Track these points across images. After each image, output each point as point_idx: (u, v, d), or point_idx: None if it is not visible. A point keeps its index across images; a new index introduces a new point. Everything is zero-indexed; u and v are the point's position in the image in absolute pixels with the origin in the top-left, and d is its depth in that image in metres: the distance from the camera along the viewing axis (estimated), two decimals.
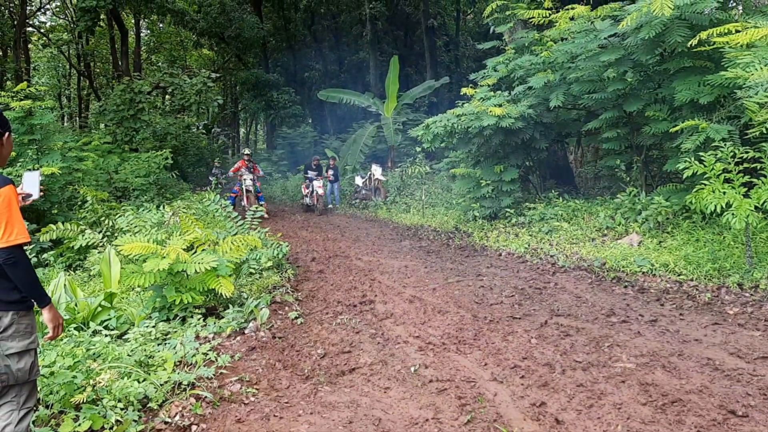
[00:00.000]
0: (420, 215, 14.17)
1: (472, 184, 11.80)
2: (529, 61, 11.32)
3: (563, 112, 11.83)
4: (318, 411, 3.97)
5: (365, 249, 10.52)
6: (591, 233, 9.42)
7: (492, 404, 3.93)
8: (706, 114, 8.16)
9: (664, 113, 9.08)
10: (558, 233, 9.72)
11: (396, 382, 4.44)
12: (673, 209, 8.65)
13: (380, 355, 5.01)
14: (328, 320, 6.14)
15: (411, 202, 15.77)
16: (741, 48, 6.87)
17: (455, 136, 11.65)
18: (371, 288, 7.51)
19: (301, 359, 5.00)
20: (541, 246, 9.29)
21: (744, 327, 5.18)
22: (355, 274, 8.33)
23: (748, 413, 3.57)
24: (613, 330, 5.32)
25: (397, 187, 17.38)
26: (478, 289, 7.18)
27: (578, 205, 10.77)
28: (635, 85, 9.79)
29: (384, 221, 14.64)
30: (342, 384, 4.46)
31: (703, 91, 8.04)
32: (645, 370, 4.35)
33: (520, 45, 12.59)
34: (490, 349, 5.03)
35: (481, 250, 9.96)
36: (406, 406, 4.02)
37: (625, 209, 9.47)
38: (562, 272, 7.89)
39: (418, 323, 5.93)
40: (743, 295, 6.01)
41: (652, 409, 3.72)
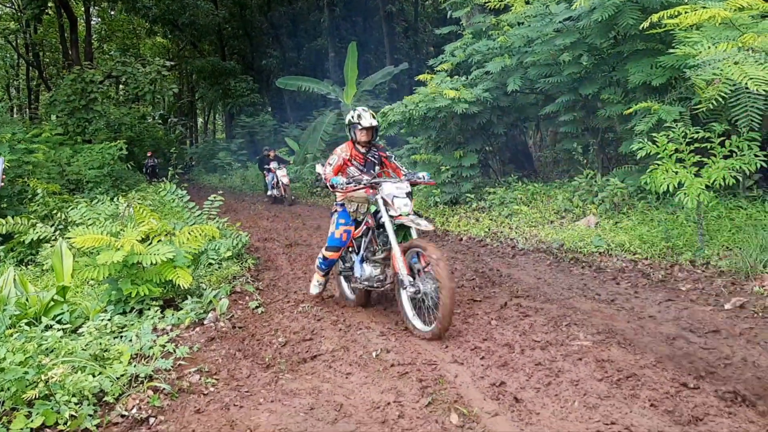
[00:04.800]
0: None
1: (433, 170, 11.82)
2: (486, 45, 11.37)
3: (521, 97, 11.93)
4: (279, 399, 3.94)
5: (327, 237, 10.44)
6: (550, 216, 9.55)
7: (452, 385, 3.95)
8: (659, 96, 8.30)
9: (618, 96, 9.23)
10: (517, 217, 9.83)
11: (358, 368, 4.43)
12: (629, 190, 8.82)
13: (342, 342, 4.99)
14: (289, 309, 6.09)
15: None
16: (690, 29, 7.00)
17: (414, 123, 11.65)
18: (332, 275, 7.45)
19: (262, 348, 4.95)
20: (502, 230, 9.38)
21: (696, 303, 5.32)
22: None
23: (699, 385, 3.67)
24: (571, 309, 5.40)
25: None
26: None
27: (537, 188, 10.91)
28: (590, 68, 9.92)
29: None
30: (303, 371, 4.43)
31: (656, 74, 8.18)
32: (601, 347, 4.43)
33: (478, 30, 12.62)
34: (452, 332, 5.04)
35: (443, 235, 10.01)
36: (368, 390, 4.01)
37: (583, 191, 9.62)
38: (522, 255, 7.98)
39: (380, 309, 5.93)
40: (695, 272, 6.17)
41: (608, 384, 3.79)
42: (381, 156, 5.87)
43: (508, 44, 10.89)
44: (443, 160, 11.55)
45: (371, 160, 5.81)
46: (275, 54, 31.59)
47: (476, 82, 11.29)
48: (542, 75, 10.38)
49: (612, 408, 3.47)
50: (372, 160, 5.81)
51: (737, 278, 5.76)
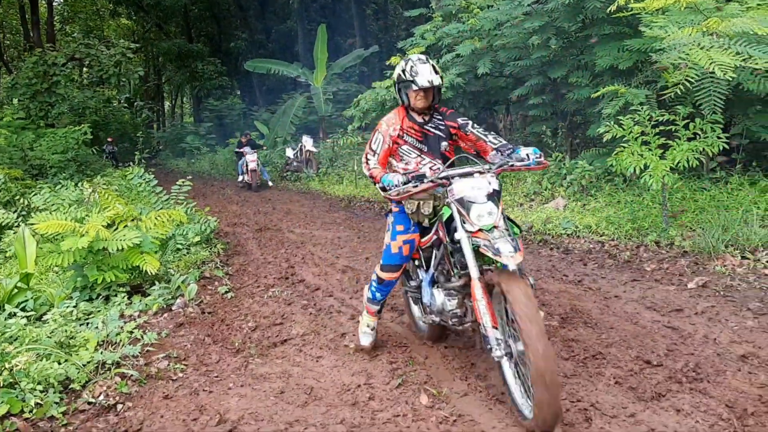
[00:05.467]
0: (353, 186, 14.13)
1: None
2: (456, 28, 11.34)
3: (491, 80, 11.95)
4: (249, 383, 3.93)
5: (297, 221, 10.43)
6: (519, 198, 9.64)
7: (423, 367, 3.99)
8: (626, 79, 8.40)
9: (586, 79, 9.31)
10: None
11: (328, 351, 4.44)
12: (596, 173, 8.93)
13: (312, 326, 4.99)
14: (259, 293, 6.07)
15: (344, 174, 15.69)
16: (656, 13, 7.08)
17: (386, 108, 11.60)
18: (303, 260, 7.46)
19: (232, 333, 4.93)
20: None
21: (660, 282, 5.43)
22: (287, 247, 8.25)
23: (662, 362, 3.75)
24: (539, 291, 5.47)
25: (329, 158, 17.23)
26: None
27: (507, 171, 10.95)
28: (559, 51, 9.97)
29: (316, 193, 14.55)
30: (274, 356, 4.42)
31: (623, 57, 8.27)
32: (569, 326, 4.50)
33: (447, 12, 12.58)
34: None
35: None
36: (339, 373, 4.02)
37: (552, 174, 9.71)
38: None
39: (351, 292, 5.94)
40: (660, 252, 6.29)
41: (574, 363, 3.86)
42: (449, 126, 3.96)
43: (478, 27, 10.88)
44: None
45: (434, 132, 3.96)
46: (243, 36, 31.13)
47: (447, 65, 11.28)
48: (512, 58, 10.41)
49: (578, 386, 3.53)
50: (435, 132, 3.97)
51: (700, 258, 5.88)
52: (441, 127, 3.97)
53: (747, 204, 6.82)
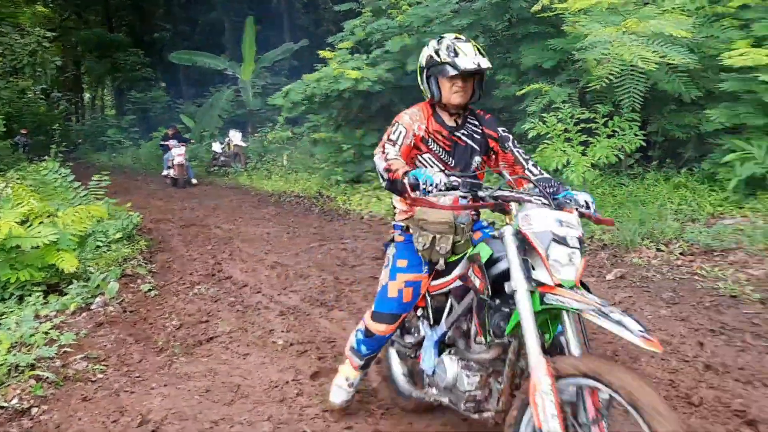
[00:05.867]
0: (283, 181, 13.98)
1: (334, 148, 11.78)
2: (386, 24, 11.37)
3: None
4: (173, 383, 3.82)
5: (225, 217, 10.22)
6: None
7: None
8: (550, 77, 8.64)
9: (512, 77, 9.53)
10: None
11: (256, 348, 4.37)
12: None
13: (239, 323, 4.91)
14: (184, 291, 5.91)
15: (273, 168, 15.50)
16: (578, 13, 7.32)
17: (315, 101, 11.52)
18: (231, 256, 7.32)
19: (155, 332, 4.78)
20: None
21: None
22: (214, 243, 8.07)
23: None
24: None
25: (258, 153, 16.98)
26: (340, 252, 7.23)
27: None
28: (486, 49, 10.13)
29: (245, 188, 14.30)
30: (199, 354, 4.32)
31: (546, 56, 8.51)
32: None
33: (377, 8, 12.59)
34: (352, 309, 5.09)
35: (345, 214, 10.02)
36: (266, 370, 3.97)
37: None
38: None
39: (279, 288, 5.87)
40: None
41: None
42: (487, 135, 2.94)
43: (407, 23, 10.95)
44: (344, 139, 11.52)
45: (466, 142, 2.91)
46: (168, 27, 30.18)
47: (377, 61, 11.29)
48: None
49: None
50: (468, 142, 2.91)
51: (618, 251, 6.13)
52: (476, 136, 2.89)
53: (662, 199, 7.16)
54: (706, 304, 4.62)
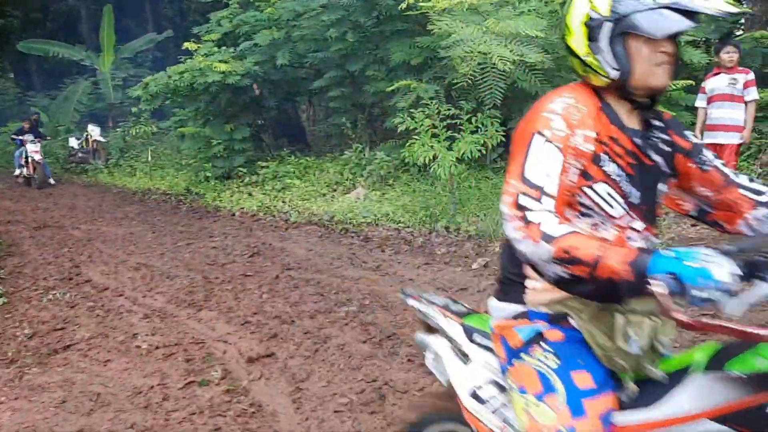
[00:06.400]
0: (147, 178, 13.33)
1: (202, 143, 11.39)
2: (254, 17, 11.17)
3: (291, 71, 11.93)
4: (24, 395, 3.54)
5: (83, 217, 9.58)
6: (321, 189, 9.77)
7: (221, 362, 3.89)
8: (417, 74, 8.89)
9: (382, 73, 9.69)
10: (290, 190, 9.90)
11: (118, 354, 4.14)
12: (394, 163, 9.35)
13: (100, 328, 4.63)
14: (37, 297, 5.48)
15: (137, 165, 14.73)
16: (442, 12, 7.58)
17: (180, 94, 11.09)
18: (90, 258, 6.89)
19: (4, 342, 4.40)
20: (275, 204, 9.38)
21: (449, 264, 5.85)
22: (71, 245, 7.55)
23: None
24: (339, 278, 5.60)
25: (120, 148, 16.05)
26: (210, 251, 7.02)
27: (310, 162, 11.08)
28: (356, 45, 10.24)
29: (106, 186, 13.49)
30: (54, 363, 4.03)
31: (414, 53, 8.75)
32: (366, 311, 4.67)
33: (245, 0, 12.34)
34: (222, 308, 4.96)
35: (215, 211, 9.74)
36: (130, 376, 3.78)
37: (353, 165, 9.99)
38: (295, 228, 8.06)
39: (144, 291, 5.60)
40: (449, 237, 6.76)
41: (371, 345, 4.01)
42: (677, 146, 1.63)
43: (276, 17, 10.81)
44: (213, 134, 11.16)
45: (653, 161, 1.58)
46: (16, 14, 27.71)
47: (245, 54, 11.05)
48: (310, 50, 10.50)
49: (374, 367, 3.68)
50: (655, 160, 1.58)
51: (483, 241, 6.43)
52: (663, 148, 1.62)
53: None
54: None
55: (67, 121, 18.18)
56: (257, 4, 11.90)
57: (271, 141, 13.20)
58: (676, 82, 7.50)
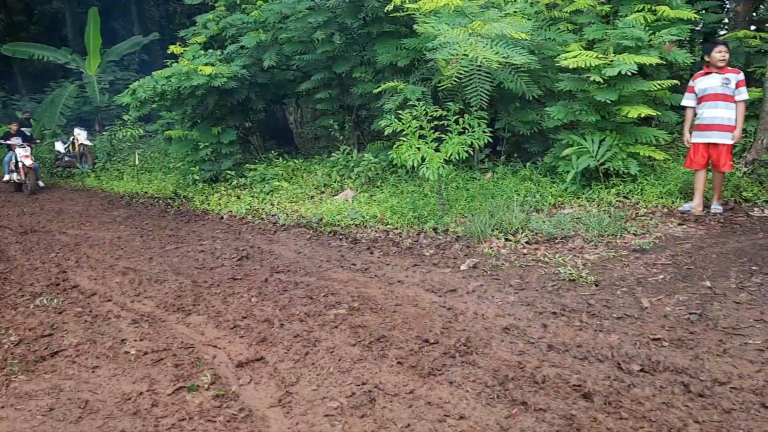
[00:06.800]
0: (135, 182, 13.24)
1: (190, 147, 11.33)
2: (241, 19, 11.14)
3: (278, 73, 11.93)
4: (11, 404, 3.52)
5: (70, 222, 9.52)
6: (310, 191, 9.76)
7: (210, 366, 3.88)
8: (404, 76, 8.90)
9: (369, 75, 9.70)
10: (279, 193, 9.88)
11: (106, 360, 4.13)
12: (382, 165, 9.36)
13: (88, 334, 4.60)
14: (24, 303, 5.44)
15: (124, 168, 14.64)
16: (429, 14, 7.60)
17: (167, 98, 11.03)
18: (78, 263, 6.84)
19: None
20: (263, 206, 9.36)
21: (437, 266, 5.86)
22: (58, 251, 7.50)
23: (438, 340, 4.06)
24: (329, 281, 5.60)
25: (106, 152, 15.95)
26: (198, 255, 6.99)
27: (298, 164, 11.06)
28: (343, 47, 10.26)
29: (93, 190, 13.39)
30: (41, 370, 4.01)
31: (400, 55, 8.76)
32: (356, 314, 4.67)
33: (231, 2, 12.31)
34: (210, 313, 4.95)
35: (203, 214, 9.69)
36: (118, 382, 3.76)
37: (341, 167, 9.99)
38: (283, 230, 8.05)
39: (132, 295, 5.57)
40: (437, 238, 6.78)
41: (361, 348, 4.02)
42: None
43: (263, 19, 10.80)
44: (201, 137, 11.12)
45: None
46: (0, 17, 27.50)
47: (232, 56, 11.03)
48: (297, 52, 10.49)
49: (364, 370, 3.68)
50: None
51: (471, 242, 6.45)
52: None
53: (509, 191, 7.63)
54: (548, 289, 4.98)
55: (54, 125, 18.05)
56: (243, 6, 11.89)
57: (259, 143, 13.18)
58: (661, 81, 7.58)
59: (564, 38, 8.40)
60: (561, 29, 8.82)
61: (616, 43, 7.62)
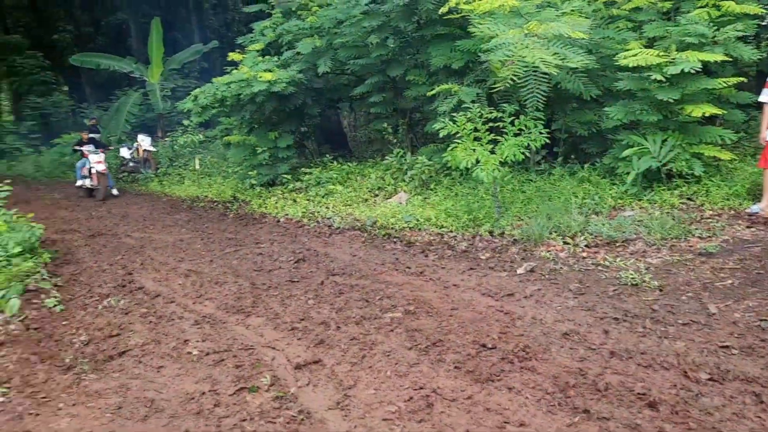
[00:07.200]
0: (195, 186, 13.61)
1: (248, 151, 11.58)
2: (296, 26, 11.31)
3: (333, 78, 12.06)
4: (82, 402, 3.67)
5: (135, 225, 9.86)
6: (364, 194, 9.82)
7: (269, 368, 3.95)
8: (459, 78, 8.86)
9: (423, 78, 9.70)
10: (333, 196, 9.98)
11: (170, 360, 4.26)
12: (435, 167, 9.34)
13: (153, 335, 4.76)
14: (93, 304, 5.67)
15: (185, 173, 15.07)
16: (484, 16, 7.54)
17: (227, 105, 11.30)
18: (143, 266, 7.08)
19: (62, 349, 4.57)
20: (318, 209, 9.47)
21: (494, 269, 5.81)
22: (124, 253, 7.78)
23: (496, 345, 4.02)
24: (384, 284, 5.62)
25: (169, 157, 16.46)
26: (256, 257, 7.13)
27: (352, 168, 11.16)
28: (397, 50, 10.29)
29: (156, 195, 13.83)
30: (110, 370, 4.16)
31: (455, 57, 8.73)
32: (411, 317, 4.68)
33: (287, 9, 12.51)
34: (269, 315, 5.04)
35: (260, 217, 9.88)
36: (182, 382, 3.87)
37: (394, 170, 10.02)
38: (338, 233, 8.13)
39: (194, 297, 5.73)
40: (493, 241, 6.72)
41: (417, 352, 4.02)
42: None
43: (318, 25, 10.94)
44: (258, 142, 11.35)
45: None
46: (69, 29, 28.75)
47: (289, 62, 11.21)
48: (352, 56, 10.58)
49: (420, 374, 3.68)
50: None
51: (528, 245, 6.36)
52: None
53: (567, 193, 7.48)
54: (609, 294, 4.87)
55: (119, 132, 18.74)
56: (299, 13, 12.06)
57: (314, 147, 13.35)
58: (726, 79, 7.30)
59: (623, 36, 8.19)
60: (620, 27, 8.60)
61: (678, 41, 7.38)
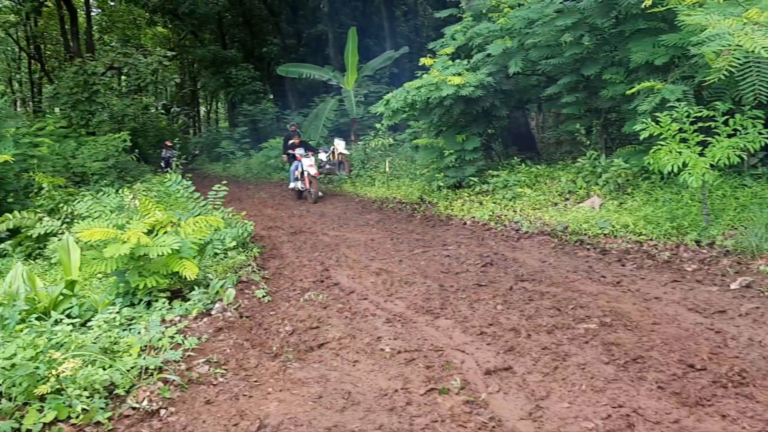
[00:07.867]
0: (385, 188, 14.16)
1: (435, 154, 11.79)
2: (487, 28, 11.29)
3: (522, 79, 11.85)
4: (287, 388, 3.97)
5: (331, 224, 10.50)
6: (553, 198, 9.53)
7: (459, 371, 3.98)
8: (661, 75, 8.24)
9: (620, 76, 9.17)
10: (521, 199, 9.81)
11: (365, 355, 4.46)
12: (633, 170, 8.79)
13: (348, 329, 5.03)
14: (295, 297, 6.13)
15: (375, 175, 15.73)
16: (693, 7, 6.94)
17: (416, 108, 11.60)
18: (338, 262, 7.51)
19: (269, 337, 4.99)
20: (505, 213, 9.37)
21: (702, 283, 5.32)
22: (321, 250, 8.32)
23: (705, 366, 3.68)
24: (576, 292, 5.41)
25: (361, 160, 17.30)
26: (444, 259, 7.23)
27: (540, 170, 10.88)
28: (592, 48, 9.84)
29: (349, 195, 14.60)
30: (311, 360, 4.47)
31: (658, 53, 8.13)
32: (608, 329, 4.45)
33: (478, 12, 12.53)
34: (457, 317, 5.08)
35: (447, 219, 10.01)
36: (375, 377, 4.04)
37: (586, 173, 9.58)
38: (527, 238, 7.98)
39: (385, 295, 5.96)
40: (701, 252, 6.16)
41: (615, 367, 3.81)
42: None
43: (509, 26, 10.81)
44: (446, 144, 11.51)
45: None
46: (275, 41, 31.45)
47: (478, 65, 11.22)
48: (544, 56, 10.32)
49: (619, 391, 3.49)
50: None
51: (743, 258, 5.75)
52: None
53: None
54: None
55: (317, 136, 20.09)
56: (490, 15, 12.02)
57: (501, 150, 13.22)
58: None
59: None
60: None
61: None
